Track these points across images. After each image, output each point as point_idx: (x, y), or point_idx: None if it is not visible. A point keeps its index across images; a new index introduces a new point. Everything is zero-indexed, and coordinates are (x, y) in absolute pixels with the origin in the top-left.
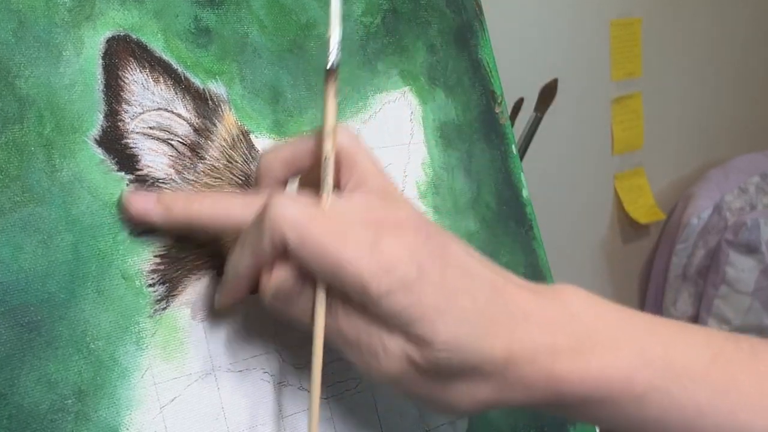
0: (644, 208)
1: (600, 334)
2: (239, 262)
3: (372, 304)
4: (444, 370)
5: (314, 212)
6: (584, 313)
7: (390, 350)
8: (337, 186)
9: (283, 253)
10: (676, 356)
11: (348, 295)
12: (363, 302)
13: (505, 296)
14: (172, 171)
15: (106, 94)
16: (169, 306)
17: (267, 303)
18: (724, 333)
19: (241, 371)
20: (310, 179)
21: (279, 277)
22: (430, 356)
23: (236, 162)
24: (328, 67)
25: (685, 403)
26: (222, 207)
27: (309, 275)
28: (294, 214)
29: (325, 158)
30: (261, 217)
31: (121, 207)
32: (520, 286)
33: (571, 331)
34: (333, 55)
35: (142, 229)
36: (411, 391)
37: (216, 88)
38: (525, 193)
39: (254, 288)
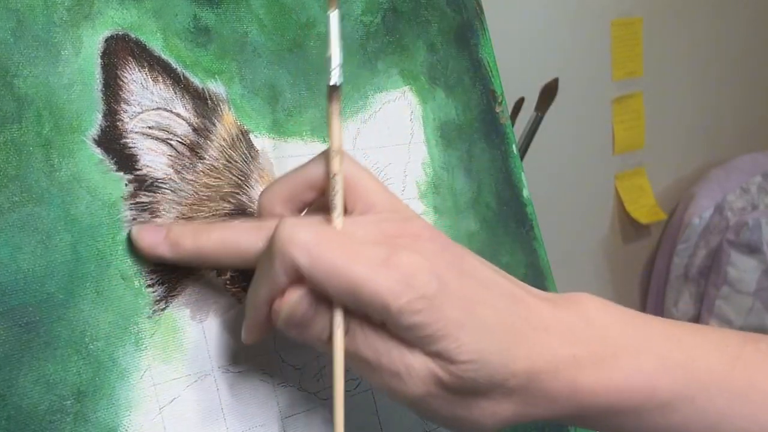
0: (645, 208)
1: (620, 342)
2: (256, 293)
3: (392, 322)
4: (469, 387)
5: (324, 233)
6: (602, 321)
7: (414, 370)
8: (345, 212)
9: (296, 278)
10: (697, 362)
11: (366, 315)
12: (382, 320)
13: (524, 307)
14: (171, 171)
15: (104, 94)
16: (168, 306)
17: (280, 328)
18: (741, 334)
19: (240, 372)
20: (314, 211)
21: (290, 301)
22: (455, 372)
23: (235, 162)
24: (330, 84)
25: (708, 408)
26: (230, 239)
27: (324, 298)
28: (303, 235)
29: (333, 178)
30: (270, 243)
31: (130, 241)
32: (538, 296)
33: (591, 340)
34: (335, 73)
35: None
36: (435, 412)
37: (215, 87)
38: (525, 192)
39: None
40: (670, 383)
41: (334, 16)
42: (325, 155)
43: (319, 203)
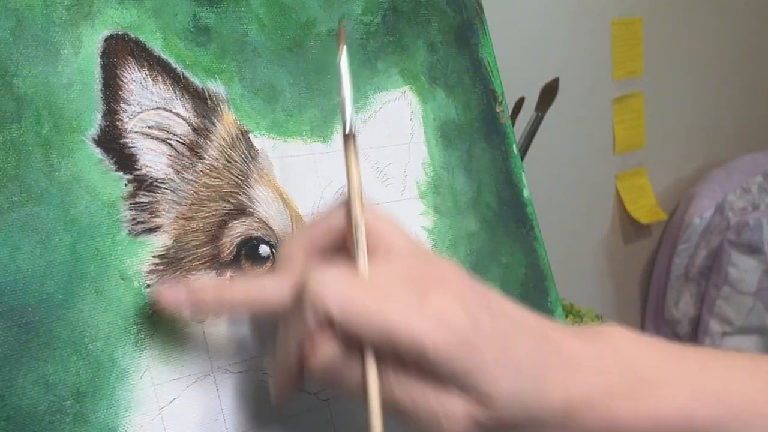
0: (646, 208)
1: (652, 373)
2: (286, 345)
3: (428, 363)
4: (508, 426)
5: (354, 280)
6: (634, 353)
7: (452, 413)
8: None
9: (328, 327)
10: (730, 390)
11: (401, 359)
12: (418, 363)
13: (554, 343)
14: (171, 171)
15: (104, 94)
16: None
17: (314, 378)
18: None
19: (240, 372)
20: (334, 255)
21: (326, 353)
22: (495, 413)
23: (235, 161)
24: (346, 133)
25: None
26: (254, 291)
27: (356, 345)
28: (334, 284)
29: (356, 227)
30: (300, 295)
31: (152, 299)
32: (566, 332)
33: (625, 373)
34: (349, 120)
35: (141, 229)
36: None
37: (215, 87)
38: (526, 192)
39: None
40: (705, 412)
41: (344, 62)
42: (345, 202)
43: (338, 247)
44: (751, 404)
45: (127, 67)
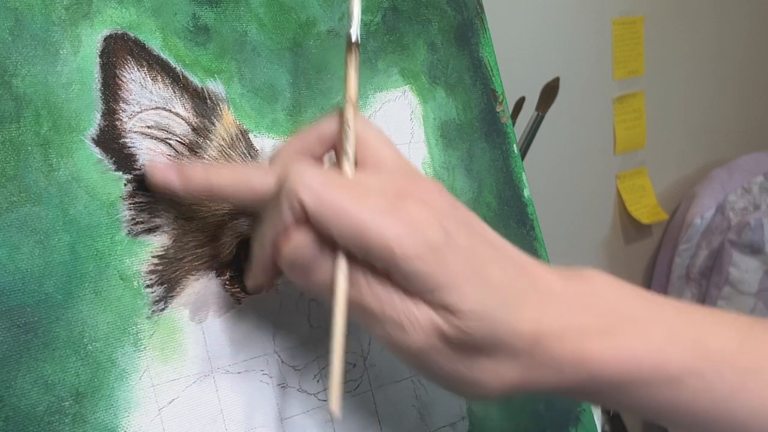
0: (647, 208)
1: (629, 316)
2: (262, 232)
3: (396, 269)
4: (471, 342)
5: (334, 176)
6: (612, 295)
7: (416, 320)
8: (355, 166)
9: (303, 220)
10: (707, 338)
11: (371, 262)
12: (387, 268)
13: (532, 274)
14: None
15: (103, 93)
16: (167, 307)
17: (285, 272)
18: (750, 317)
19: (240, 373)
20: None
21: (296, 242)
22: (458, 325)
23: (235, 161)
24: (352, 40)
25: (717, 384)
26: (240, 176)
27: (329, 243)
28: (312, 176)
29: (346, 127)
30: (280, 184)
31: (145, 176)
32: (547, 268)
33: (601, 312)
34: (355, 27)
35: (141, 229)
36: (436, 368)
37: (214, 86)
38: (526, 192)
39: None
40: (679, 357)
41: None
42: (339, 109)
43: (331, 164)
44: (726, 354)
45: (126, 66)
